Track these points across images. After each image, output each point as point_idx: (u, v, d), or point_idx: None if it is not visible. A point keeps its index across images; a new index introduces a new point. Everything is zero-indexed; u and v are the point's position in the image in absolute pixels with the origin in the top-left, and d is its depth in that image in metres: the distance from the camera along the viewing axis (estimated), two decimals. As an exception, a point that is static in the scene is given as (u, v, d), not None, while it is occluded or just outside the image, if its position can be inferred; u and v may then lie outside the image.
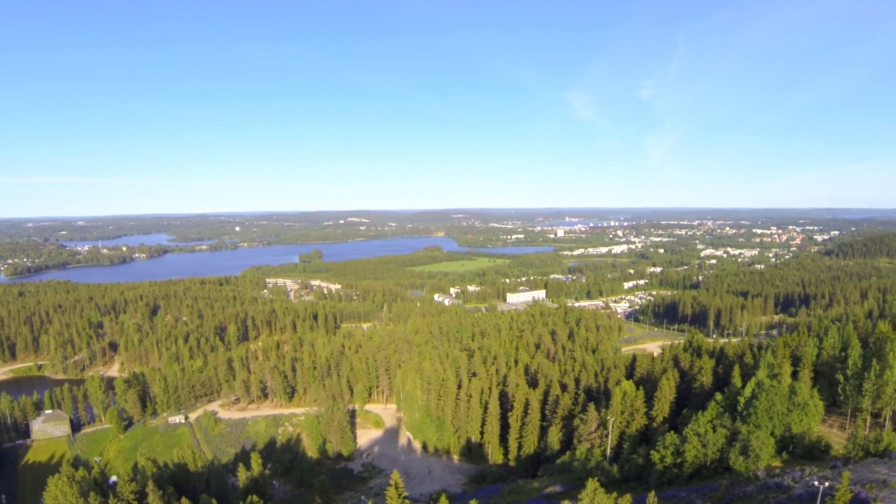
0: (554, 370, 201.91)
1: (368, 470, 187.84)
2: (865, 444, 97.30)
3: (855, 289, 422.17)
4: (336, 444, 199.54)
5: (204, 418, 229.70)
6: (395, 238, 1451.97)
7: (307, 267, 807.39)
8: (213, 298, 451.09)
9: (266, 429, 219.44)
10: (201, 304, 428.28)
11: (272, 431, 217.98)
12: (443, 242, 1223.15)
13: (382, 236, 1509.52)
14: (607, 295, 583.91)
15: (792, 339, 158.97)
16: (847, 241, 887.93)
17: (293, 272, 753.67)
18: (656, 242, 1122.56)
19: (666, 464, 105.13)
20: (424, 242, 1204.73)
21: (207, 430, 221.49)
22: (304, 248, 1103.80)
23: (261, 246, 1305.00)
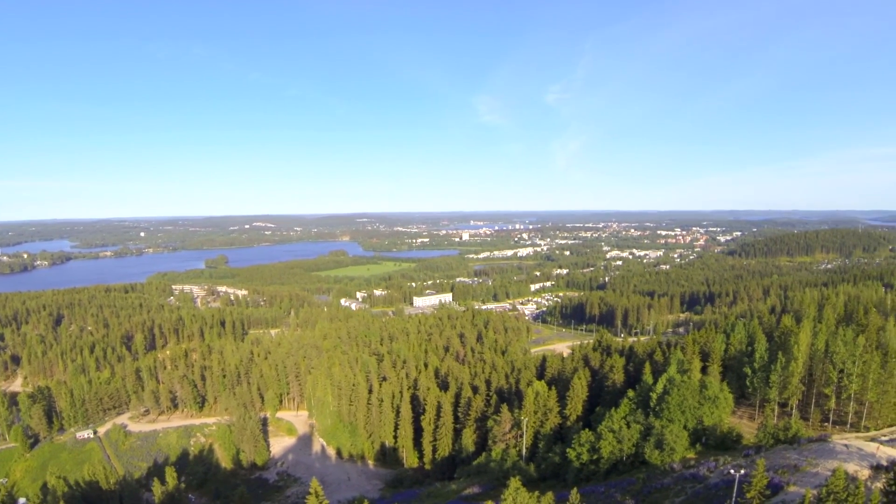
0: (464, 373, 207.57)
1: (284, 479, 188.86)
2: (775, 432, 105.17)
3: (757, 286, 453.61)
4: (250, 454, 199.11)
5: (113, 432, 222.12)
6: (301, 243, 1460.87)
7: (213, 273, 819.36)
8: (119, 306, 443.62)
9: (178, 440, 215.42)
10: (107, 312, 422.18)
11: (184, 443, 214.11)
12: (348, 247, 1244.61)
13: (288, 241, 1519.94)
14: (514, 297, 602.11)
15: (700, 335, 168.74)
16: (749, 241, 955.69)
17: (199, 278, 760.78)
18: (562, 245, 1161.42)
19: (583, 461, 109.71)
20: (330, 247, 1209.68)
21: (118, 444, 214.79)
22: (210, 254, 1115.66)
23: (166, 252, 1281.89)
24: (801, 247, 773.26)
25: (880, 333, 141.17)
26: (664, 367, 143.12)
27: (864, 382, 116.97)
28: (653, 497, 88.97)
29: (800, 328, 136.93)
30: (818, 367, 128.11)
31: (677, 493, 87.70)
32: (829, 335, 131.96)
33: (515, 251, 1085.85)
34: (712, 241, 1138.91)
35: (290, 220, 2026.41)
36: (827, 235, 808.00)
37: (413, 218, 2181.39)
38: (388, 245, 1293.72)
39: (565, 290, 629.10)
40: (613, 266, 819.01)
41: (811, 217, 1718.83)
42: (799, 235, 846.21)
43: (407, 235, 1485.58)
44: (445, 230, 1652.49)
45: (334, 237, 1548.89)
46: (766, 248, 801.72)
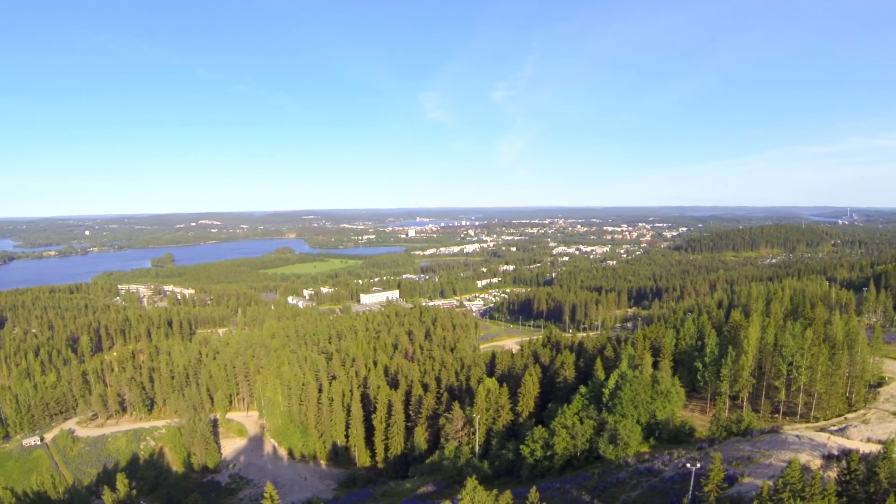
0: (414, 370, 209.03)
1: (236, 481, 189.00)
2: (728, 425, 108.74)
3: (704, 281, 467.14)
4: (201, 457, 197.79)
5: (61, 438, 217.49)
6: (247, 240, 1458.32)
7: (160, 272, 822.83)
8: (64, 308, 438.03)
9: (127, 445, 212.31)
10: (51, 314, 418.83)
11: (134, 447, 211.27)
12: (294, 244, 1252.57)
13: (234, 239, 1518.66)
14: (461, 293, 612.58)
15: (650, 331, 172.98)
16: (695, 236, 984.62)
17: (146, 277, 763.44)
18: (508, 241, 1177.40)
19: (537, 457, 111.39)
20: (276, 244, 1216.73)
21: (66, 450, 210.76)
22: (156, 252, 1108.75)
23: (112, 251, 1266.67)
24: (747, 242, 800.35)
25: (827, 327, 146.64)
26: (615, 362, 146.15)
27: (813, 374, 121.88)
28: (609, 492, 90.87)
29: (749, 322, 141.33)
30: (768, 361, 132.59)
31: (633, 487, 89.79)
32: (778, 329, 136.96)
33: (462, 248, 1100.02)
34: (658, 236, 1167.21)
35: (236, 218, 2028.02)
36: (771, 231, 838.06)
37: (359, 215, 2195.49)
38: (335, 242, 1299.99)
39: (512, 287, 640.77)
40: (560, 262, 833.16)
41: (756, 213, 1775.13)
42: (744, 231, 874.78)
43: (353, 232, 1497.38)
44: (392, 227, 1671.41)
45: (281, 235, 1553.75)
46: (711, 244, 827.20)
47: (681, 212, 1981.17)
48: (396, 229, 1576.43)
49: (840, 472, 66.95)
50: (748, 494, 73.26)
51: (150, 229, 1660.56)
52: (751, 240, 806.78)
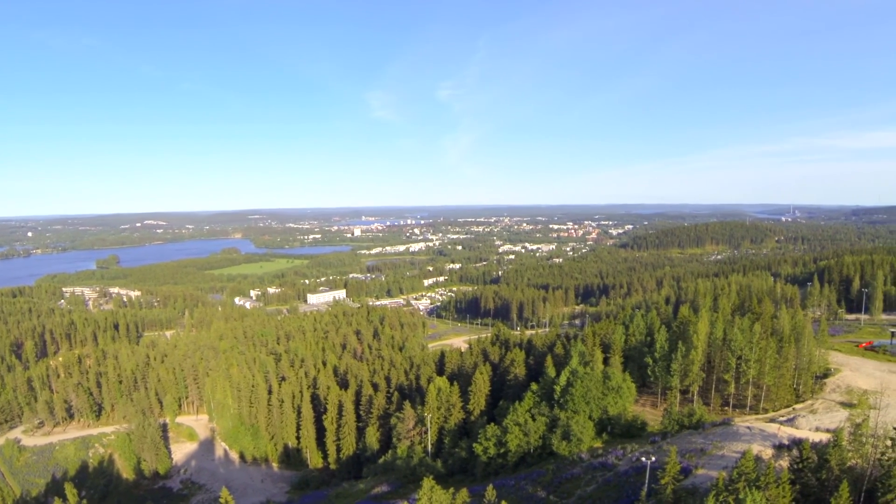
0: (363, 370, 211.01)
1: (188, 486, 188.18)
2: (680, 418, 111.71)
3: (651, 278, 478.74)
4: (151, 463, 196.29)
5: (7, 448, 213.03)
6: (193, 241, 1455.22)
7: (105, 273, 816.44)
8: (7, 312, 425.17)
9: (76, 453, 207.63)
10: None
11: (83, 455, 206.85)
12: (240, 244, 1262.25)
13: (180, 239, 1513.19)
14: (408, 292, 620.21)
15: (600, 327, 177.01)
16: (641, 234, 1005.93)
17: (91, 279, 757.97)
18: (454, 240, 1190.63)
19: (490, 455, 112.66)
20: (222, 244, 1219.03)
21: (12, 460, 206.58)
22: (101, 254, 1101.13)
23: (56, 252, 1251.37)
24: (692, 239, 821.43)
25: (774, 321, 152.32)
26: (565, 359, 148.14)
27: (762, 367, 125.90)
28: (564, 487, 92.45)
29: (698, 318, 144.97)
30: (717, 355, 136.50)
31: (588, 482, 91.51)
32: (726, 324, 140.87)
33: (408, 246, 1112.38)
34: (604, 234, 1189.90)
35: (182, 218, 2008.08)
36: (716, 228, 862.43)
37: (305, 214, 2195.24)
38: (281, 242, 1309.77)
39: (459, 285, 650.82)
40: (506, 260, 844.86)
41: (701, 210, 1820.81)
42: (689, 228, 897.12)
43: (299, 232, 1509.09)
44: (337, 226, 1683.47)
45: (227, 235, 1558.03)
46: (657, 241, 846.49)
47: (627, 209, 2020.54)
48: (342, 228, 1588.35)
49: (792, 460, 69.61)
50: (703, 485, 75.50)
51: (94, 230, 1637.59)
52: (696, 237, 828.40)
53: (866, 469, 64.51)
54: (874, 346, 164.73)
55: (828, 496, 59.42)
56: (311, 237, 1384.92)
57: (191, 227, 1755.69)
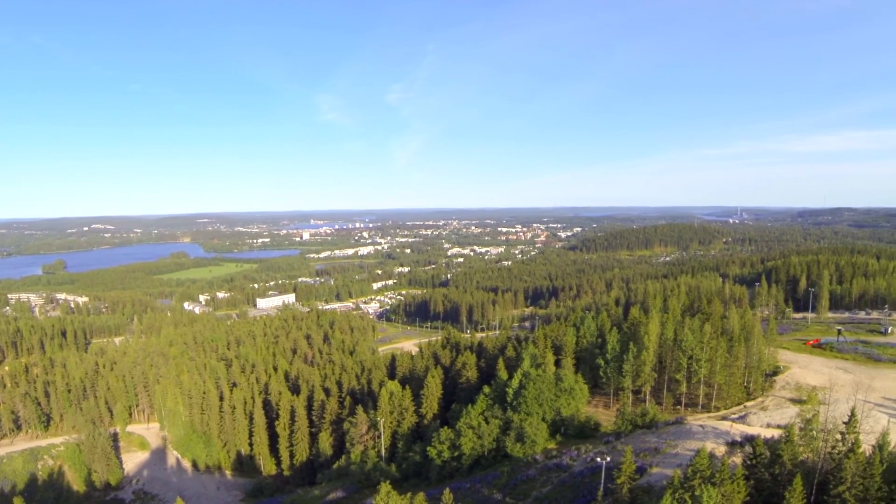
0: (315, 375, 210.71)
1: (140, 497, 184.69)
2: (633, 418, 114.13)
3: (600, 279, 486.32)
4: (102, 474, 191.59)
5: None
6: (142, 245, 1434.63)
7: (52, 279, 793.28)
8: None
9: (24, 465, 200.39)
10: None
11: (31, 467, 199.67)
12: (189, 248, 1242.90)
13: (128, 243, 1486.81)
14: (357, 296, 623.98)
15: (551, 329, 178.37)
16: (590, 236, 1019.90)
17: (37, 285, 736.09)
18: (402, 243, 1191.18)
19: (444, 458, 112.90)
20: (171, 249, 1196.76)
21: None
22: (47, 259, 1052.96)
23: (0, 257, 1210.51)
24: (641, 241, 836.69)
25: (724, 321, 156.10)
26: (517, 362, 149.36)
27: (713, 367, 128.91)
28: (520, 489, 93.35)
29: (648, 319, 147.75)
30: (668, 355, 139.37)
31: (543, 483, 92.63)
32: (677, 324, 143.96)
33: (356, 250, 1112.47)
34: (553, 236, 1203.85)
35: (130, 222, 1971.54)
36: (665, 230, 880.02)
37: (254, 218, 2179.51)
38: (230, 246, 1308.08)
39: (408, 288, 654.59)
40: (455, 263, 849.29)
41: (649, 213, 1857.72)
42: (638, 230, 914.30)
43: (248, 236, 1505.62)
44: (286, 230, 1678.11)
45: (175, 238, 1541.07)
46: (606, 243, 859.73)
47: (575, 212, 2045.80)
48: (291, 232, 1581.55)
49: (746, 456, 71.69)
50: (658, 483, 77.13)
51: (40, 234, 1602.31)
52: (645, 239, 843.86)
53: (817, 462, 66.89)
54: (821, 344, 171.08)
55: (781, 490, 61.34)
56: (260, 241, 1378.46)
57: (139, 231, 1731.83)
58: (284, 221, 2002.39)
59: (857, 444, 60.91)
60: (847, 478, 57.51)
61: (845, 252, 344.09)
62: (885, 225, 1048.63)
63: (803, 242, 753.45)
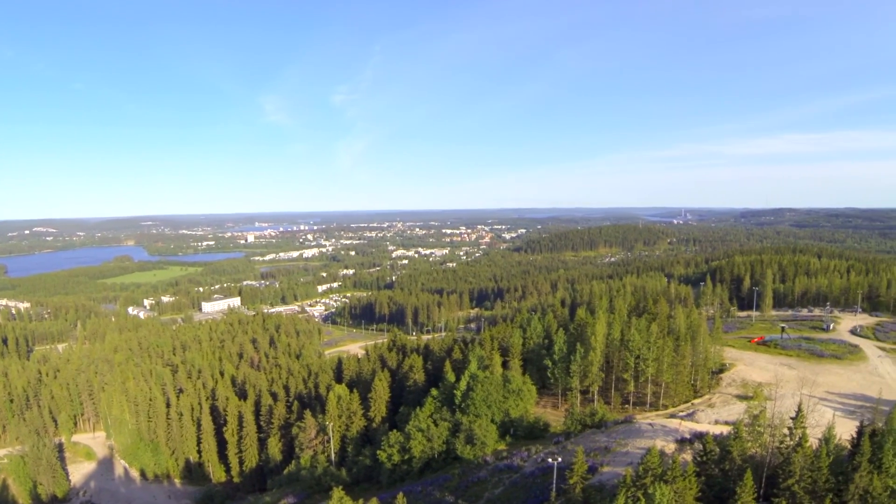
0: (262, 379, 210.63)
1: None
2: (582, 418, 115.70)
3: (545, 280, 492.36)
4: (48, 486, 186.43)
5: None
6: (85, 248, 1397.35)
7: None
8: None
9: None
10: None
11: None
12: (133, 251, 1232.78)
13: (71, 247, 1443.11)
14: (302, 299, 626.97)
15: (497, 331, 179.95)
16: (535, 237, 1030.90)
17: None
18: (347, 245, 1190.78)
19: (394, 461, 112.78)
20: (115, 252, 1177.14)
21: None
22: None
23: None
24: (586, 242, 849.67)
25: (670, 320, 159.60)
26: (464, 364, 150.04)
27: (660, 366, 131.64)
28: (471, 491, 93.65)
29: (595, 319, 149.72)
30: (615, 355, 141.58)
31: (495, 484, 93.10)
32: (624, 324, 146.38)
33: (301, 252, 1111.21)
34: (498, 238, 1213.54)
35: (72, 225, 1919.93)
36: (609, 231, 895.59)
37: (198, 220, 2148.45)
38: (174, 249, 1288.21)
39: (353, 291, 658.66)
40: (400, 265, 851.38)
41: (594, 214, 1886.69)
42: (583, 231, 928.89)
43: (193, 239, 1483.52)
44: (231, 232, 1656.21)
45: (119, 242, 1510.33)
46: (551, 244, 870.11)
47: (519, 214, 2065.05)
48: (236, 235, 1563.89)
49: (696, 453, 73.27)
50: (610, 482, 78.30)
51: None
52: (590, 240, 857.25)
53: (766, 457, 68.88)
54: (766, 341, 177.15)
55: (731, 485, 62.91)
56: (204, 244, 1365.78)
57: (82, 234, 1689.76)
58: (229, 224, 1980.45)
59: (805, 439, 63.02)
60: (796, 471, 59.22)
61: (788, 252, 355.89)
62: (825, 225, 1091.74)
63: (746, 242, 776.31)
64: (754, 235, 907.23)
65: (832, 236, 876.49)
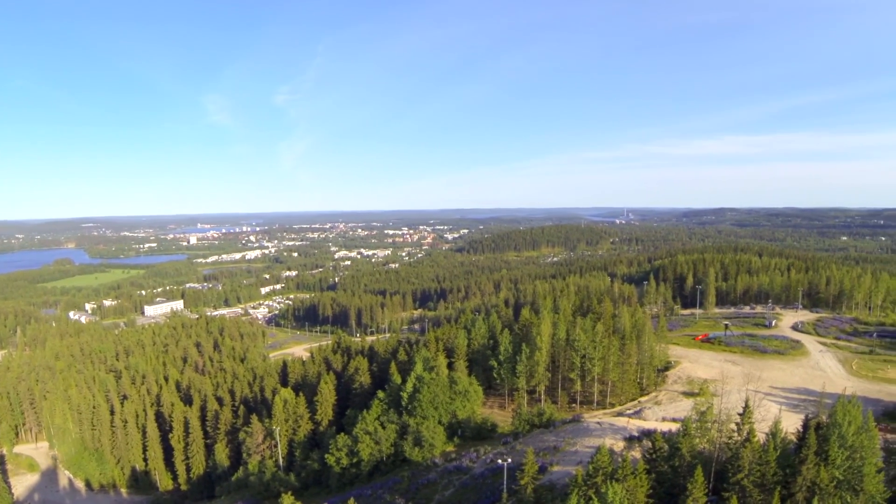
0: (207, 384, 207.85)
1: None
2: (530, 418, 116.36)
3: (488, 281, 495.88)
4: None
5: None
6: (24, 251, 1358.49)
7: None
8: None
9: None
10: None
11: None
12: (74, 254, 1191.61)
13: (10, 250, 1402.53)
14: (245, 301, 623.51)
15: (442, 332, 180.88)
16: (477, 238, 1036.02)
17: None
18: (290, 246, 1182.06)
19: (343, 465, 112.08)
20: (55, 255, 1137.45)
21: None
22: None
23: None
24: (528, 242, 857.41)
25: (615, 319, 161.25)
26: (410, 365, 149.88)
27: (606, 364, 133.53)
28: (422, 493, 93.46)
29: (540, 319, 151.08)
30: (561, 355, 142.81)
31: (445, 486, 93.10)
32: (569, 324, 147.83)
33: (244, 254, 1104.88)
34: (440, 238, 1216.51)
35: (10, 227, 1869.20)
36: (552, 231, 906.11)
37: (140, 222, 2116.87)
38: (116, 251, 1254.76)
39: (296, 292, 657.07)
40: (342, 266, 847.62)
41: (536, 214, 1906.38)
42: (525, 232, 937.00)
43: (135, 241, 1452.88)
44: (173, 234, 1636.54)
45: (59, 244, 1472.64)
46: (493, 245, 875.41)
47: (462, 214, 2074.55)
48: (178, 237, 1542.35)
49: (646, 450, 74.30)
50: (560, 481, 79.00)
51: None
52: (532, 240, 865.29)
53: (714, 453, 70.19)
54: (710, 338, 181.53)
55: (682, 482, 64.02)
56: (146, 246, 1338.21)
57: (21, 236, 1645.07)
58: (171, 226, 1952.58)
59: (753, 434, 64.34)
60: (744, 466, 60.63)
61: (729, 250, 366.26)
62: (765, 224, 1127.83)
63: (689, 242, 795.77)
64: (696, 235, 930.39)
65: (773, 235, 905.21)
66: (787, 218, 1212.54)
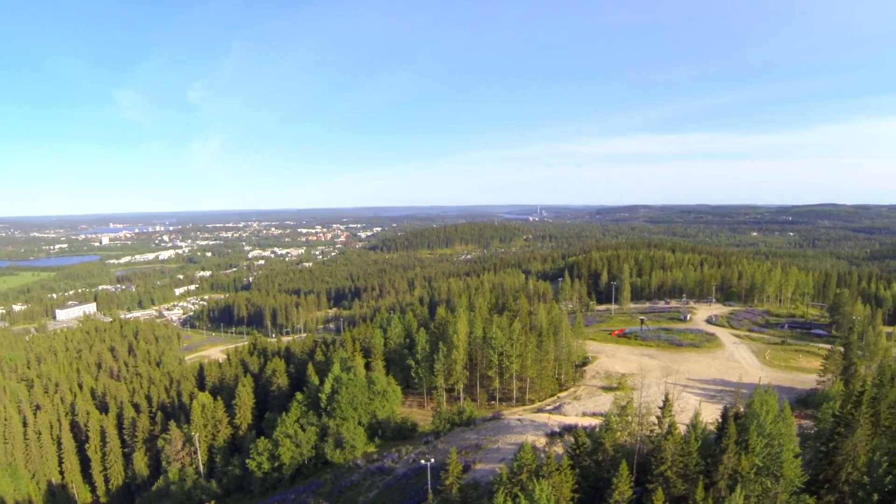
0: (123, 390, 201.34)
1: None
2: (450, 416, 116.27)
3: (402, 279, 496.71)
4: None
5: None
6: None
7: None
8: None
9: None
10: None
11: None
12: None
13: None
14: (160, 303, 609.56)
15: (358, 332, 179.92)
16: (390, 236, 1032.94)
17: None
18: (203, 246, 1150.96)
19: (265, 470, 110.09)
20: None
21: None
22: None
23: None
24: (442, 240, 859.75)
25: (532, 316, 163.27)
26: (327, 366, 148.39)
27: (524, 361, 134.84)
28: (345, 495, 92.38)
29: (456, 318, 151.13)
30: (479, 353, 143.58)
31: (369, 487, 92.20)
32: (485, 322, 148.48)
33: (157, 254, 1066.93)
34: (353, 237, 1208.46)
35: None
36: (466, 229, 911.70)
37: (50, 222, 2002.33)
38: (25, 253, 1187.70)
39: (210, 293, 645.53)
40: (256, 266, 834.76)
41: (449, 212, 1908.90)
42: (438, 229, 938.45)
43: (44, 242, 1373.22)
44: (85, 234, 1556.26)
45: None
46: (407, 243, 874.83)
47: (375, 212, 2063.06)
48: (90, 237, 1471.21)
49: (569, 446, 75.09)
50: (484, 479, 78.94)
51: None
52: (446, 237, 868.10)
53: (636, 445, 71.37)
54: (626, 333, 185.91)
55: (606, 475, 64.88)
56: (57, 247, 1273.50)
57: None
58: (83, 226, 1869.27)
59: (674, 426, 65.73)
60: (667, 457, 61.86)
61: (643, 246, 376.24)
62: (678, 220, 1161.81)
63: (602, 238, 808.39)
64: (610, 231, 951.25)
65: (685, 231, 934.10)
66: (700, 215, 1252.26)
